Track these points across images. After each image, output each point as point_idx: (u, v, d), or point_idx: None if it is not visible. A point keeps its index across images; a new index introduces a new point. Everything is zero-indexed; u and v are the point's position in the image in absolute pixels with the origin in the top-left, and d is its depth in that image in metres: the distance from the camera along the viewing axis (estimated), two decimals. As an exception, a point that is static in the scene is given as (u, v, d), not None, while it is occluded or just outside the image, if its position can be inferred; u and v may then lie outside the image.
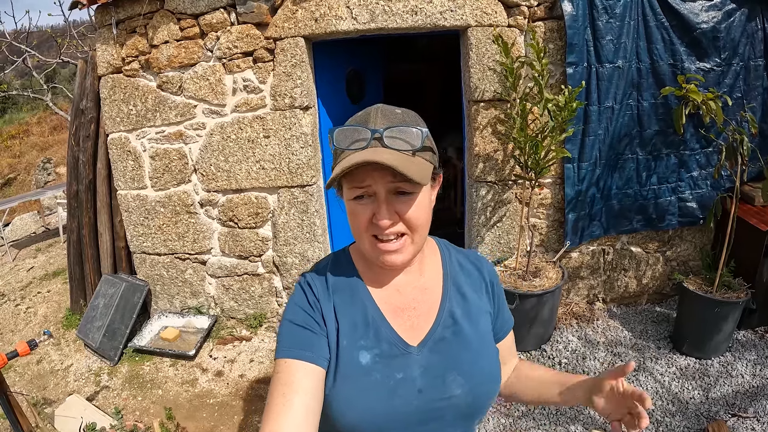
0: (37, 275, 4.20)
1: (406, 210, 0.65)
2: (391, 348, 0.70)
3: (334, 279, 0.74)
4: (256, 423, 2.23)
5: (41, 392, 2.57)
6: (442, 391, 0.69)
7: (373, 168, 0.62)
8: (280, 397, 0.62)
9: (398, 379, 0.68)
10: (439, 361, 0.70)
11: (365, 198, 0.65)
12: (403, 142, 0.63)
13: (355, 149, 0.63)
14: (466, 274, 0.79)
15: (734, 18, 2.36)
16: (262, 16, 2.42)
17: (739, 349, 2.41)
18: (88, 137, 3.00)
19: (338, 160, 0.66)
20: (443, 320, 0.73)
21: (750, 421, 1.97)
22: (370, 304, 0.73)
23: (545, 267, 2.55)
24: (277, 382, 0.64)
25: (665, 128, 2.50)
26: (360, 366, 0.68)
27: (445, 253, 0.81)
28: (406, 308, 0.74)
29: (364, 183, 0.64)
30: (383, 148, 0.63)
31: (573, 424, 2.03)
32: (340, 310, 0.71)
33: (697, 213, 2.64)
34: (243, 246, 2.84)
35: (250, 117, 2.59)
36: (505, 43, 2.17)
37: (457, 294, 0.77)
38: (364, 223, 0.66)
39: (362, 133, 0.64)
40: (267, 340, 2.86)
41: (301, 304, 0.72)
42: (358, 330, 0.70)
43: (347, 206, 0.69)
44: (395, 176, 0.62)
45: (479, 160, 2.57)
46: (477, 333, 0.75)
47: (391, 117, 0.66)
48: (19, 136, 9.32)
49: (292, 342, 0.68)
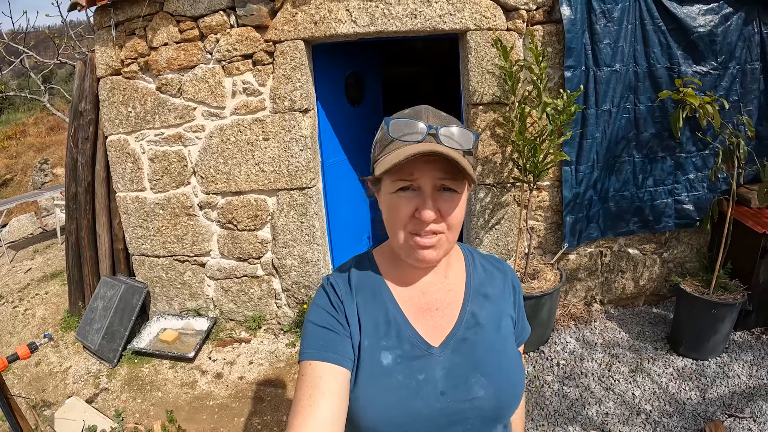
0: (35, 277, 4.19)
1: (448, 208, 0.66)
2: (413, 349, 0.69)
3: (357, 280, 0.74)
4: (256, 425, 2.23)
5: (40, 394, 2.57)
6: (465, 393, 0.68)
7: (425, 162, 0.63)
8: (306, 399, 0.62)
9: (420, 380, 0.67)
10: (462, 362, 0.70)
11: (409, 191, 0.65)
12: (455, 142, 0.64)
13: (409, 141, 0.64)
14: (489, 277, 0.80)
15: (731, 22, 2.38)
16: (261, 19, 2.42)
17: (736, 350, 2.43)
18: (86, 139, 3.00)
19: (385, 151, 0.66)
20: (465, 321, 0.73)
21: (746, 422, 1.99)
22: (392, 305, 0.72)
23: (543, 269, 2.57)
24: (303, 385, 0.64)
25: (662, 131, 2.52)
26: (382, 367, 0.67)
27: (468, 257, 0.81)
28: (429, 309, 0.73)
29: (413, 176, 0.64)
30: (438, 144, 0.63)
31: (571, 425, 2.05)
32: (362, 311, 0.71)
33: (693, 215, 2.67)
34: (242, 248, 2.84)
35: (250, 119, 2.59)
36: (504, 47, 2.19)
37: (480, 296, 0.76)
38: (405, 217, 0.66)
39: (418, 126, 0.64)
40: (266, 342, 2.86)
41: (324, 305, 0.72)
42: (380, 330, 0.70)
43: (386, 200, 0.68)
44: (445, 173, 0.64)
45: (478, 162, 2.58)
46: (499, 335, 0.74)
47: (441, 117, 0.67)
48: (15, 137, 9.28)
49: (317, 344, 0.67)
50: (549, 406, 2.16)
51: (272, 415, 2.29)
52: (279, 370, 2.62)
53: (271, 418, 2.27)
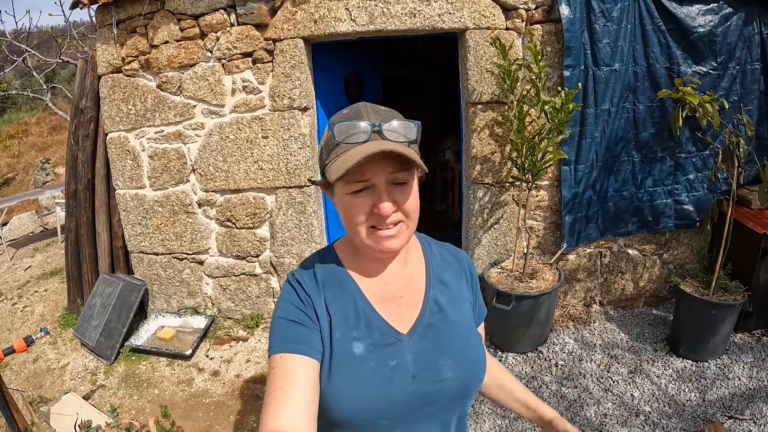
0: (34, 274, 4.20)
1: (402, 198, 0.68)
2: (383, 337, 0.71)
3: (323, 274, 0.76)
4: (252, 423, 2.22)
5: (37, 390, 2.57)
6: (435, 375, 0.71)
7: (374, 160, 0.63)
8: (278, 391, 0.63)
9: (392, 366, 0.70)
10: (430, 347, 0.73)
11: (364, 191, 0.67)
12: (400, 135, 0.66)
13: (354, 143, 0.65)
14: (446, 264, 0.83)
15: (731, 22, 2.38)
16: (261, 17, 2.43)
17: (736, 352, 2.41)
18: (87, 136, 3.01)
19: (332, 155, 0.67)
20: (429, 307, 0.76)
21: (746, 424, 1.97)
22: (359, 296, 0.74)
23: (542, 269, 2.56)
24: (274, 377, 0.65)
25: (661, 131, 2.51)
26: (354, 356, 0.69)
27: (425, 245, 0.84)
28: (393, 297, 0.76)
29: (365, 176, 0.65)
30: (384, 140, 0.65)
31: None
32: (331, 304, 0.73)
33: (693, 215, 2.65)
34: (240, 246, 2.84)
35: (249, 117, 2.60)
36: (503, 46, 2.19)
37: (440, 283, 0.79)
38: (364, 214, 0.68)
39: (360, 126, 0.65)
40: (264, 340, 2.85)
41: (292, 300, 0.73)
42: (349, 321, 0.72)
43: (342, 201, 0.70)
44: (395, 167, 0.65)
45: (476, 162, 2.58)
46: (462, 319, 0.78)
47: (381, 112, 0.69)
48: (18, 136, 9.32)
49: (286, 337, 0.69)
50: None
51: (268, 413, 2.28)
52: (276, 369, 2.61)
53: (267, 416, 2.26)
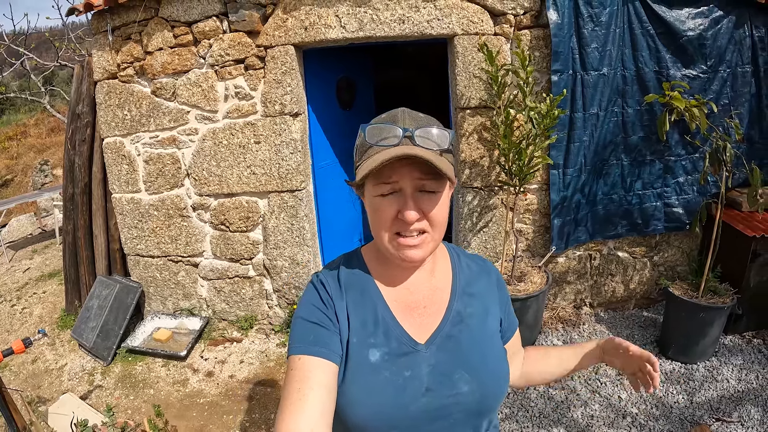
0: (33, 276, 4.25)
1: (429, 207, 0.67)
2: (400, 346, 0.71)
3: (347, 278, 0.76)
4: (245, 422, 2.26)
5: (36, 391, 2.62)
6: (449, 389, 0.70)
7: (403, 164, 0.64)
8: (295, 393, 0.62)
9: (406, 377, 0.69)
10: (447, 359, 0.71)
11: (391, 195, 0.67)
12: (431, 142, 0.66)
13: (386, 146, 0.65)
14: (474, 276, 0.81)
15: (721, 25, 2.38)
16: (253, 25, 2.46)
17: (726, 354, 2.42)
18: (83, 141, 3.05)
19: (364, 157, 0.68)
20: (451, 319, 0.75)
21: (734, 426, 1.99)
22: (380, 303, 0.74)
23: (530, 272, 2.58)
24: (293, 378, 0.64)
25: (650, 134, 2.52)
26: (369, 364, 0.69)
27: (454, 256, 0.83)
28: (416, 307, 0.75)
29: (391, 179, 0.66)
30: (414, 146, 0.65)
31: (556, 426, 2.06)
32: (351, 309, 0.73)
33: (683, 218, 2.66)
34: (234, 249, 2.87)
35: (242, 123, 2.63)
36: (490, 52, 2.20)
37: (465, 295, 0.78)
38: (388, 219, 0.68)
39: (393, 130, 0.66)
40: (257, 341, 2.89)
41: (314, 302, 0.73)
42: (367, 328, 0.71)
43: (370, 203, 0.70)
44: (424, 174, 0.65)
45: (465, 166, 2.60)
46: (484, 332, 0.76)
47: (417, 119, 0.69)
48: (16, 138, 9.36)
49: (306, 339, 0.68)
50: (534, 408, 2.17)
51: (260, 413, 2.32)
52: (269, 370, 2.64)
53: (259, 416, 2.29)
